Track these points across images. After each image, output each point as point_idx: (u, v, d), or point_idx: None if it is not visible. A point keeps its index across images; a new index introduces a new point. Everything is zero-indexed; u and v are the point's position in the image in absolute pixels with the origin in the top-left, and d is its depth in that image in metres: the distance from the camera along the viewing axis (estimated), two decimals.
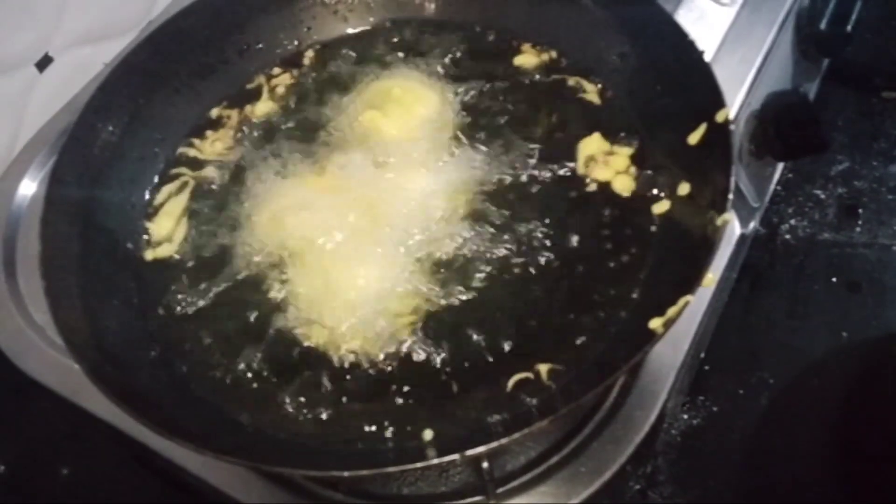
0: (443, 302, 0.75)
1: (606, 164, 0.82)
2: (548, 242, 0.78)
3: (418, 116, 0.88)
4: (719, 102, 0.70)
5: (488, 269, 0.77)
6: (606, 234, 0.77)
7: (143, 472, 0.91)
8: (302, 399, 0.71)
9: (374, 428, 0.68)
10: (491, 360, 0.71)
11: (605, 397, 0.81)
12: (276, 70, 0.96)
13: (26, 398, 0.93)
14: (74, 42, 1.07)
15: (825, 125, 0.99)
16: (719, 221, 0.64)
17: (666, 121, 0.78)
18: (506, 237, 0.79)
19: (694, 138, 0.73)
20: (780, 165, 1.06)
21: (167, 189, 0.87)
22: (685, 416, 0.92)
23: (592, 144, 0.83)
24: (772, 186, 1.05)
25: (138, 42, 0.86)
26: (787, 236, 1.06)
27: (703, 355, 0.94)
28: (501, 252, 0.78)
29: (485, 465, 0.73)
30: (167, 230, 0.84)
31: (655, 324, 0.62)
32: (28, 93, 1.04)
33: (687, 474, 0.89)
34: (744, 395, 0.93)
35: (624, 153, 0.82)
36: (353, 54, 0.96)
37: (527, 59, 0.92)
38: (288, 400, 0.71)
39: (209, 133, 0.91)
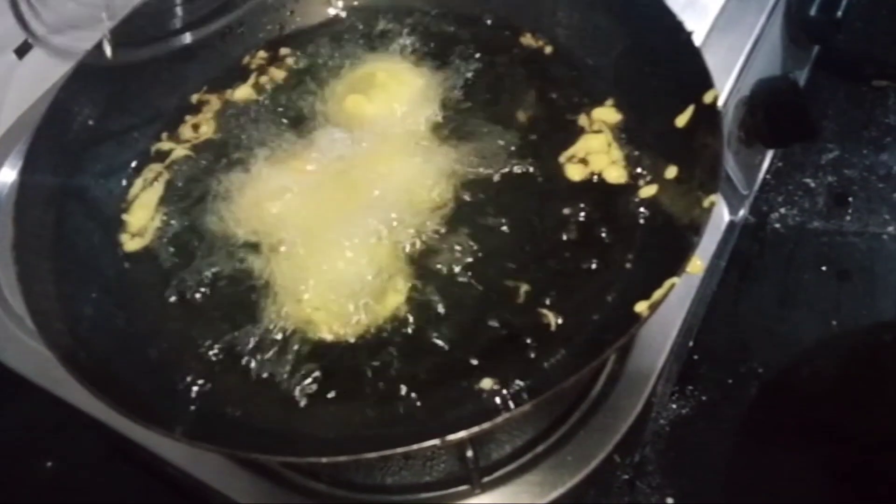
0: (423, 288, 0.74)
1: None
2: (531, 228, 0.77)
3: (402, 101, 0.86)
4: (707, 84, 0.69)
5: (468, 256, 0.75)
6: (592, 219, 0.76)
7: (128, 466, 0.90)
8: (282, 385, 0.69)
9: (355, 414, 0.67)
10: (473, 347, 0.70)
11: (591, 385, 0.80)
12: (259, 54, 0.95)
13: (7, 390, 0.91)
14: (55, 29, 1.05)
15: (815, 112, 0.99)
16: (706, 203, 0.63)
17: (653, 103, 0.77)
18: (488, 224, 0.77)
19: (682, 121, 0.72)
20: (770, 153, 1.05)
21: (141, 179, 0.86)
22: (674, 406, 0.91)
23: (594, 142, 0.81)
24: (761, 174, 1.05)
25: (116, 24, 0.84)
26: (777, 225, 1.06)
27: (691, 344, 0.93)
28: (484, 239, 0.77)
29: (469, 453, 0.72)
30: (143, 221, 0.82)
31: (641, 307, 0.61)
32: (7, 80, 1.03)
33: (675, 464, 0.88)
34: (733, 385, 0.92)
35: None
36: (338, 38, 0.95)
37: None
38: (267, 386, 0.69)
39: (188, 117, 0.90)
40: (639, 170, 0.78)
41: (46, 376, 0.85)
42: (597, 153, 0.80)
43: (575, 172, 0.80)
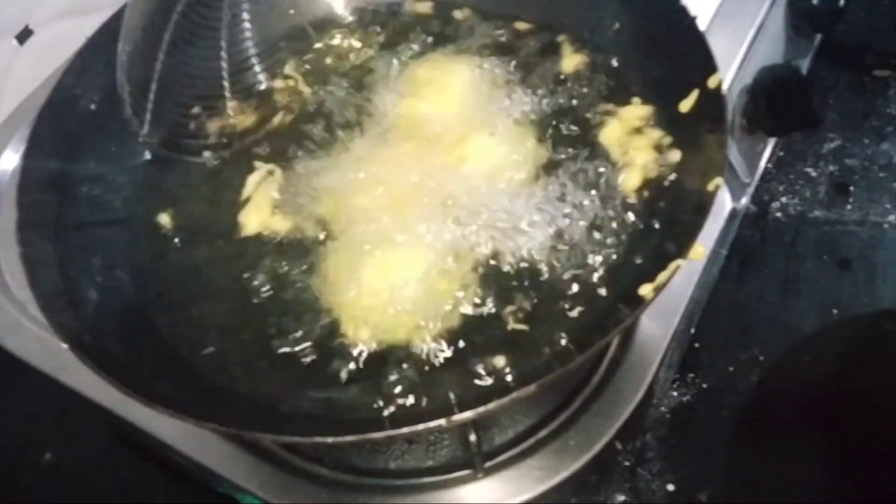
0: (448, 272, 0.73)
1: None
2: (536, 216, 0.76)
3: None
4: (711, 68, 0.69)
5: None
6: (596, 205, 0.76)
7: (129, 454, 0.90)
8: (289, 370, 0.69)
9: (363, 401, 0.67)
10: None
11: (594, 371, 0.80)
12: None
13: (8, 377, 0.91)
14: (56, 15, 1.05)
15: (817, 100, 0.98)
16: (711, 186, 0.63)
17: (657, 88, 0.76)
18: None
19: (686, 105, 0.72)
20: (772, 142, 1.05)
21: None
22: (675, 393, 0.92)
23: (613, 132, 0.80)
24: (763, 163, 1.05)
25: (119, 8, 0.83)
26: (778, 214, 1.06)
27: (692, 332, 0.93)
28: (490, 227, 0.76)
29: (472, 437, 0.73)
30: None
31: (645, 290, 0.61)
32: (8, 66, 1.03)
33: (676, 451, 0.88)
34: (734, 373, 0.93)
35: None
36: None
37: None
38: (274, 369, 0.69)
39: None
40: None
41: (49, 362, 0.85)
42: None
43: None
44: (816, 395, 0.90)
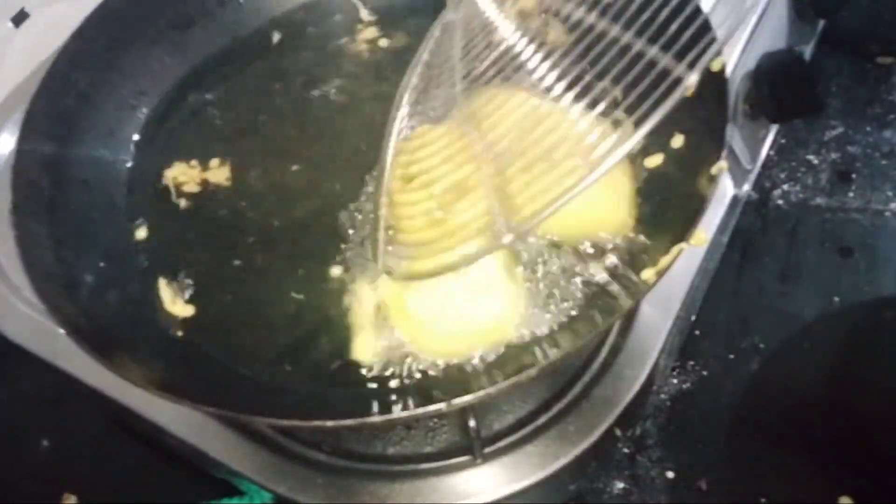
0: None
1: None
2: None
3: None
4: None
5: None
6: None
7: (128, 441, 0.89)
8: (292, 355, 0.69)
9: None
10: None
11: (594, 357, 0.80)
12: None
13: (4, 362, 0.91)
14: None
15: (820, 87, 0.98)
16: (714, 170, 0.62)
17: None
18: None
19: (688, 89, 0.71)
20: (774, 128, 1.05)
21: None
22: (675, 381, 0.92)
23: None
24: (765, 150, 1.04)
25: None
26: (780, 201, 1.05)
27: (693, 319, 0.93)
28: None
29: (472, 423, 0.72)
30: None
31: (648, 274, 0.61)
32: (3, 49, 1.02)
33: (676, 438, 0.88)
34: (734, 360, 0.93)
35: None
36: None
37: None
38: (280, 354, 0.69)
39: None
40: None
41: (45, 346, 0.84)
42: None
43: None
44: (817, 383, 0.90)
